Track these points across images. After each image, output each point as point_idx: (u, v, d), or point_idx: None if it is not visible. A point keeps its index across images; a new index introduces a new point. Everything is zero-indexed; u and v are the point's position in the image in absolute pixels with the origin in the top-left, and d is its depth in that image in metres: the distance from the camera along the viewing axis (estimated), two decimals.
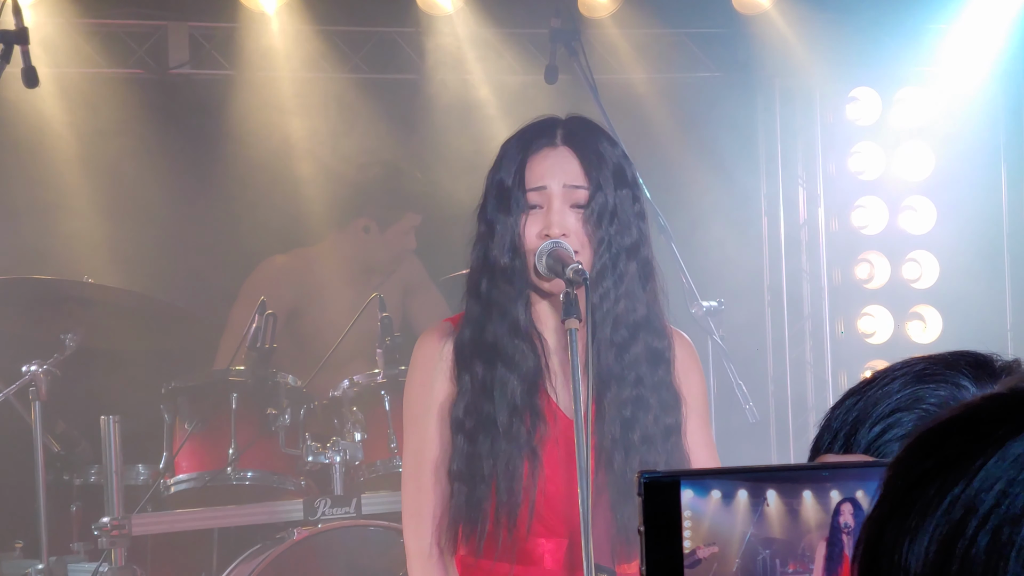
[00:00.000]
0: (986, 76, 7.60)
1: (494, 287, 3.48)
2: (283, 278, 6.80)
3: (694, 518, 1.14)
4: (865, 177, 7.74)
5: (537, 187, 3.46)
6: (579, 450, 3.25)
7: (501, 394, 3.45)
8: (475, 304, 3.51)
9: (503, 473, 3.42)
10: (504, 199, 3.47)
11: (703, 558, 1.15)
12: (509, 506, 3.42)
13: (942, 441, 1.10)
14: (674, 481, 1.14)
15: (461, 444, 3.46)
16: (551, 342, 3.51)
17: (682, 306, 6.06)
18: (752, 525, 1.17)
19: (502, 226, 3.46)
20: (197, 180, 7.14)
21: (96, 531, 5.59)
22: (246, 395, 5.84)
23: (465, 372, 3.48)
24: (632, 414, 3.48)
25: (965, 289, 7.62)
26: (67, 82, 6.92)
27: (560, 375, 3.51)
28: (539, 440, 3.45)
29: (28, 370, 5.63)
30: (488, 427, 3.44)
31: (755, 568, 1.17)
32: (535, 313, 3.51)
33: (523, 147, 3.51)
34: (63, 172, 6.95)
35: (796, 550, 1.19)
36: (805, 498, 1.19)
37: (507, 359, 3.46)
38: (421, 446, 3.50)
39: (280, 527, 5.69)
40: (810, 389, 7.83)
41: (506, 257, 3.45)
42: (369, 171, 6.85)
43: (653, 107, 7.56)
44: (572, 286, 3.33)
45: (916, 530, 1.08)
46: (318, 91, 7.26)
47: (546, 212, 3.45)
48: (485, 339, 3.47)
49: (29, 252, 6.78)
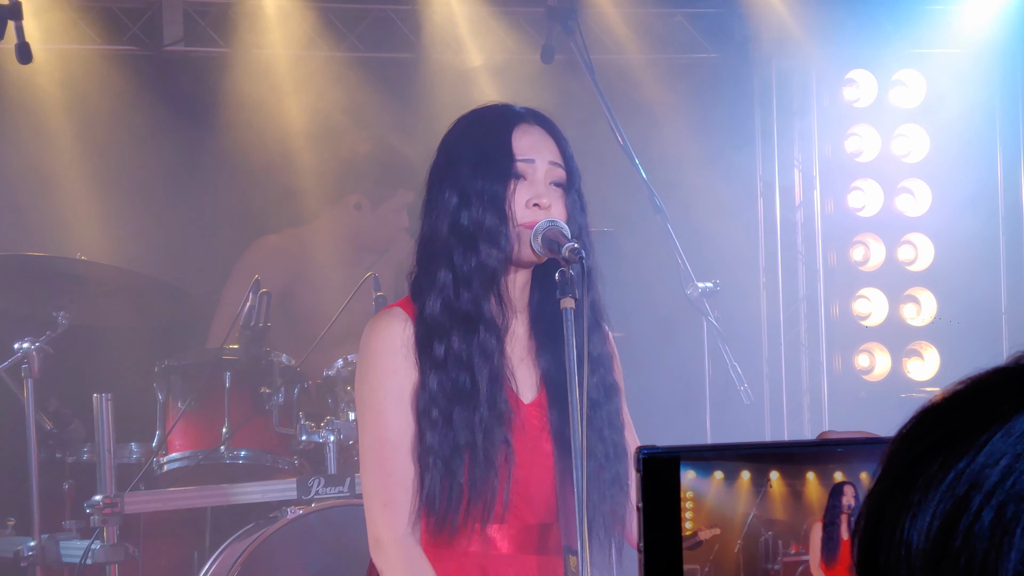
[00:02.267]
0: (983, 59, 7.58)
1: (472, 252, 3.42)
2: (276, 258, 6.80)
3: (696, 499, 1.13)
4: (861, 159, 7.73)
5: (526, 158, 3.46)
6: (574, 434, 3.23)
7: (483, 359, 3.40)
8: (445, 273, 3.43)
9: (482, 444, 3.36)
10: (486, 165, 3.44)
11: (704, 540, 1.13)
12: (483, 485, 3.37)
13: (947, 415, 1.08)
14: (673, 457, 1.12)
15: (435, 421, 3.38)
16: (512, 324, 3.49)
17: (677, 287, 6.05)
18: (755, 506, 1.15)
19: (484, 191, 3.43)
20: (191, 158, 7.11)
21: (88, 509, 5.58)
22: (240, 374, 5.83)
23: (439, 345, 3.40)
24: (599, 402, 3.49)
25: (960, 271, 7.62)
26: (61, 58, 6.89)
27: (515, 365, 3.49)
28: (509, 420, 3.43)
29: (20, 347, 5.62)
30: (466, 398, 3.38)
31: (757, 550, 1.15)
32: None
33: (499, 120, 3.52)
34: (56, 149, 6.92)
35: (799, 532, 1.17)
36: (808, 478, 1.17)
37: (489, 323, 3.42)
38: (386, 433, 3.42)
39: (273, 506, 5.68)
40: (805, 371, 7.83)
41: (490, 221, 3.41)
42: (361, 148, 6.84)
43: (649, 87, 7.54)
44: (568, 265, 3.32)
45: (919, 505, 1.06)
46: (313, 69, 7.24)
47: (531, 183, 3.45)
48: (461, 306, 3.41)
49: (22, 229, 6.77)
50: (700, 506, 1.14)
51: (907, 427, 1.10)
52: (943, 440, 1.07)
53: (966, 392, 1.10)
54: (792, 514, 1.17)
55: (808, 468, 1.17)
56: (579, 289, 3.30)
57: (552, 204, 3.44)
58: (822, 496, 1.19)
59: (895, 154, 7.72)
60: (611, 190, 7.02)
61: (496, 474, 3.39)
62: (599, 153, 6.49)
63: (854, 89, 7.72)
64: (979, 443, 1.06)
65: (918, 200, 7.71)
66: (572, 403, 3.23)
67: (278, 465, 5.84)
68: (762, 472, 1.16)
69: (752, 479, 1.15)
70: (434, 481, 3.38)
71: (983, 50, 7.54)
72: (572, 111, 6.74)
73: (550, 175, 3.47)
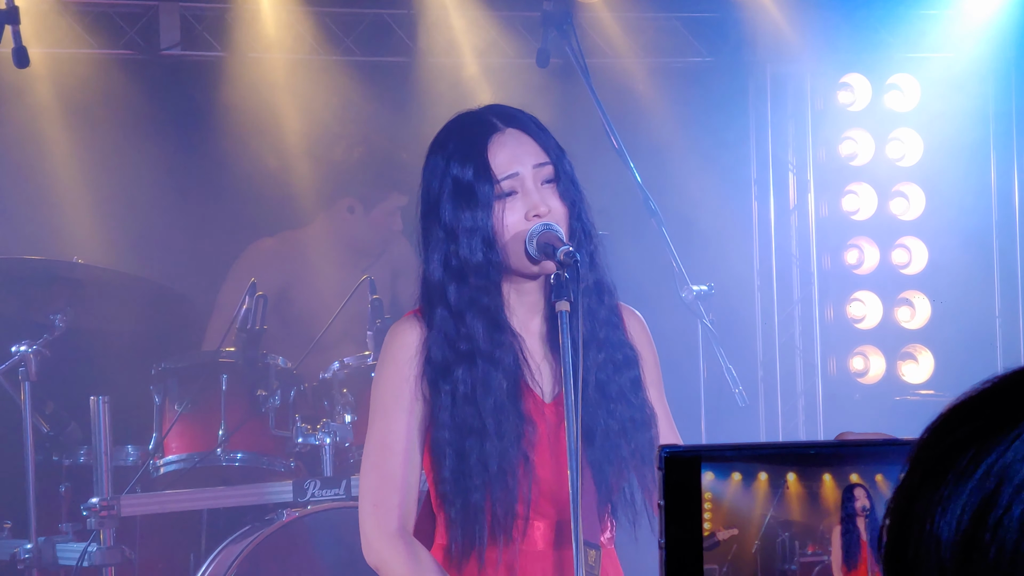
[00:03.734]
0: (977, 63, 7.60)
1: (465, 287, 3.42)
2: (272, 261, 6.80)
3: (714, 500, 1.14)
4: (855, 163, 7.74)
5: (509, 175, 3.41)
6: (569, 434, 3.24)
7: (485, 393, 3.40)
8: (443, 311, 3.44)
9: (497, 476, 3.38)
10: (466, 196, 3.40)
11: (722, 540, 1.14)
12: (505, 504, 3.39)
13: (977, 411, 1.09)
14: (695, 456, 1.13)
15: (449, 459, 3.39)
16: (522, 334, 3.50)
17: (672, 290, 6.05)
18: (772, 507, 1.17)
19: (469, 224, 3.40)
20: (187, 161, 7.12)
21: (85, 511, 5.59)
22: (236, 376, 5.84)
23: (444, 383, 3.42)
24: (608, 380, 3.49)
25: (954, 275, 7.63)
26: (57, 62, 6.89)
27: (538, 364, 3.50)
28: (528, 435, 3.43)
29: (17, 350, 5.62)
30: (476, 433, 3.39)
31: (775, 550, 1.17)
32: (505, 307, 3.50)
33: (470, 139, 3.46)
34: (53, 153, 6.92)
35: (816, 532, 1.19)
36: (825, 480, 1.18)
37: (488, 356, 3.42)
38: (388, 438, 3.44)
39: (269, 508, 5.69)
40: (799, 374, 7.84)
41: (479, 254, 3.39)
42: (354, 152, 6.85)
43: (644, 91, 7.56)
44: (563, 268, 3.33)
45: (948, 499, 1.07)
46: (309, 73, 7.25)
47: (524, 196, 3.41)
48: (459, 346, 3.42)
49: (19, 232, 6.77)
50: (718, 507, 1.15)
51: (937, 422, 1.11)
52: (973, 434, 1.08)
53: (996, 388, 1.10)
54: (809, 515, 1.19)
55: (824, 470, 1.19)
56: (574, 293, 3.32)
57: (550, 207, 3.43)
58: (838, 497, 1.20)
59: (889, 158, 7.74)
60: (606, 193, 7.02)
61: (515, 497, 3.40)
62: (594, 156, 6.50)
63: (848, 93, 7.74)
64: (1009, 438, 1.07)
65: (912, 204, 7.72)
66: (568, 408, 3.25)
67: (274, 468, 5.84)
68: (779, 473, 1.17)
69: (769, 480, 1.17)
70: (456, 515, 3.41)
71: (977, 54, 7.56)
72: (567, 115, 6.76)
73: (538, 177, 3.44)
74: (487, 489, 3.39)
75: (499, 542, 3.42)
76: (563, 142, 3.55)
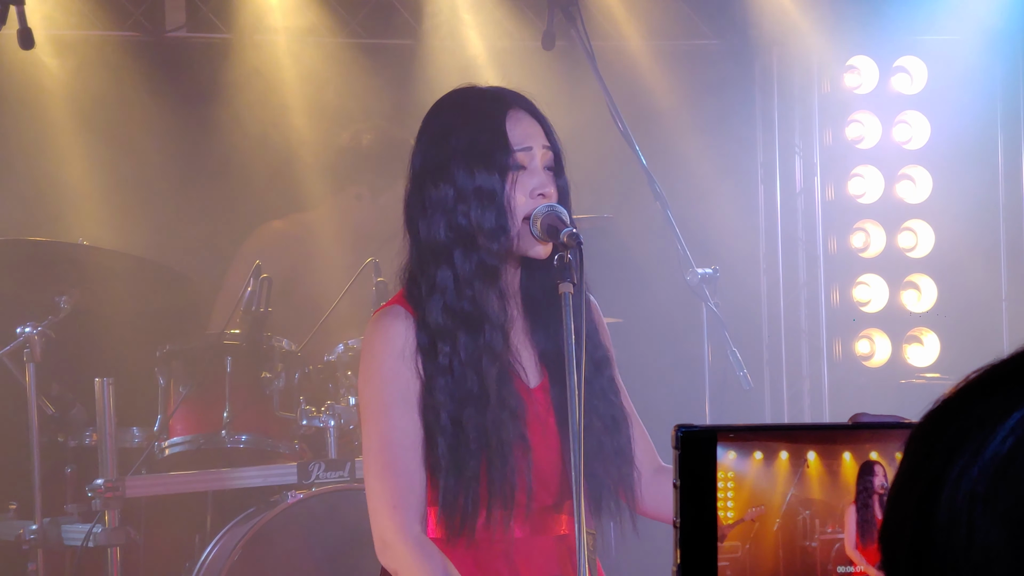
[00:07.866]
0: (984, 45, 7.58)
1: (473, 251, 3.37)
2: (279, 243, 6.80)
3: (737, 479, 1.13)
4: (862, 146, 7.73)
5: (524, 147, 3.41)
6: (572, 415, 3.23)
7: (490, 360, 3.36)
8: (445, 274, 3.38)
9: (497, 445, 3.33)
10: (482, 159, 3.38)
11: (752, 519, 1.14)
12: (502, 484, 3.34)
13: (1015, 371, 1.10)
14: (711, 435, 1.12)
15: (446, 427, 3.34)
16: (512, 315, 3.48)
17: (677, 273, 6.05)
18: (793, 486, 1.16)
19: (482, 187, 3.37)
20: (193, 143, 7.11)
21: (90, 493, 5.59)
22: (241, 358, 5.84)
23: (444, 348, 3.35)
24: (591, 378, 3.45)
25: (960, 259, 7.62)
26: (63, 44, 6.88)
27: (518, 350, 3.47)
28: (522, 413, 3.41)
29: (22, 332, 5.62)
30: (476, 400, 3.34)
31: (796, 528, 1.16)
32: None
33: (487, 109, 3.44)
34: (58, 134, 6.92)
35: (836, 511, 1.18)
36: (844, 459, 1.17)
37: (494, 322, 3.38)
38: (392, 436, 3.35)
39: (274, 490, 5.69)
40: (805, 357, 7.83)
41: (491, 218, 3.36)
42: (362, 138, 6.83)
43: (650, 74, 7.54)
44: (566, 250, 3.32)
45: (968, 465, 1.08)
46: (315, 55, 7.24)
47: (531, 173, 3.40)
48: (464, 307, 3.37)
49: (24, 214, 6.76)
50: (741, 486, 1.14)
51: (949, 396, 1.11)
52: (1009, 381, 1.09)
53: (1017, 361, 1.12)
54: (829, 493, 1.18)
55: (844, 448, 1.18)
56: (577, 274, 3.30)
57: (552, 190, 3.42)
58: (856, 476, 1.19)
59: (896, 141, 7.72)
60: (611, 176, 7.03)
61: (515, 470, 3.35)
62: (599, 139, 6.49)
63: (855, 76, 7.72)
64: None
65: (919, 187, 7.70)
66: (571, 391, 3.23)
67: (279, 449, 5.84)
68: (800, 452, 1.16)
69: (790, 459, 1.16)
70: (451, 487, 3.35)
71: (985, 37, 7.54)
72: (573, 97, 6.75)
73: (544, 159, 3.43)
74: (485, 456, 3.34)
75: (493, 518, 3.38)
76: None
